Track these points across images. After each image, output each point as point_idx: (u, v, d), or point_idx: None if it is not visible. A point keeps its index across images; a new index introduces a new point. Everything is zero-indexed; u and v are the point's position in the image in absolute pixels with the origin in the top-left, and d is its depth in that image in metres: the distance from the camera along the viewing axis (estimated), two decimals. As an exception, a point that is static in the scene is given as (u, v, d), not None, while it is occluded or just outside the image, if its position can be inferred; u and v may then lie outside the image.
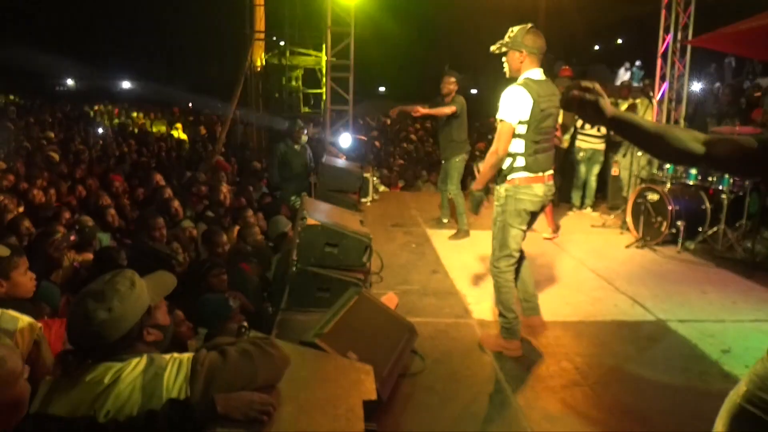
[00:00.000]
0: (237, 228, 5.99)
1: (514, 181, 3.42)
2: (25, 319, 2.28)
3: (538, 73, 3.40)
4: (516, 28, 3.41)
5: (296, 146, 7.88)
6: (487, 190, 3.65)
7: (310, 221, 3.91)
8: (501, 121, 3.35)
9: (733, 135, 5.87)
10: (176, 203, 5.98)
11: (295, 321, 3.64)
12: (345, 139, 9.28)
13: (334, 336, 2.74)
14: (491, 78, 24.04)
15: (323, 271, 3.89)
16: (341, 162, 7.90)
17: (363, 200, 7.99)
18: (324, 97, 9.70)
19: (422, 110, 6.33)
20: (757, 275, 5.29)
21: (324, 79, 9.63)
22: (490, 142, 3.44)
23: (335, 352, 2.58)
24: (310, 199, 4.93)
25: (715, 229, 6.07)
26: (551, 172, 3.54)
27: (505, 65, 3.45)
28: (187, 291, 3.97)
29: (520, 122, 3.33)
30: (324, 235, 3.92)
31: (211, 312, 3.70)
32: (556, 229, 6.65)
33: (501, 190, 3.47)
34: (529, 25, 3.41)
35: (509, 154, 3.40)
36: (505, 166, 3.43)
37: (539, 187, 3.44)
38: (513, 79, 3.46)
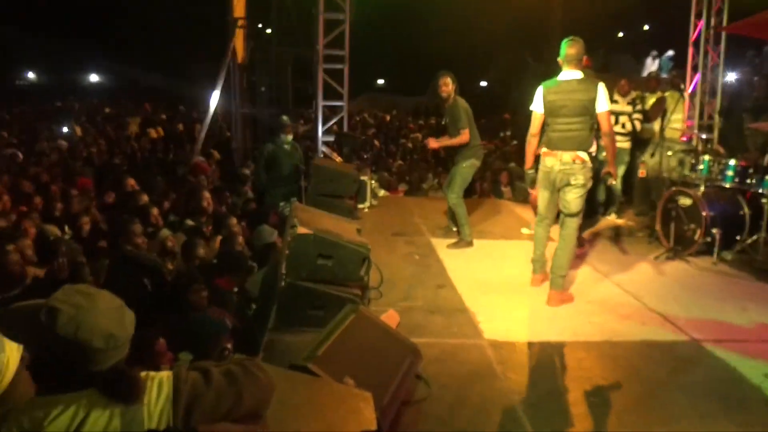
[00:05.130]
0: (219, 238, 6.00)
1: (542, 155, 4.92)
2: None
3: (568, 74, 4.76)
4: None
5: (285, 145, 7.89)
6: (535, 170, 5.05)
7: (301, 230, 3.92)
8: (533, 111, 4.92)
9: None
10: (155, 211, 5.99)
11: (284, 342, 3.64)
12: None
13: (329, 359, 2.73)
14: (503, 71, 24.13)
15: (316, 287, 3.89)
16: (335, 163, 7.91)
17: (360, 206, 7.98)
18: (316, 91, 9.70)
19: (435, 143, 6.75)
20: (803, 289, 5.30)
21: (316, 71, 9.63)
22: (501, 140, 4.82)
23: (330, 377, 2.57)
24: (300, 205, 4.94)
25: (755, 237, 6.07)
26: (573, 153, 4.71)
27: None
28: (167, 309, 3.98)
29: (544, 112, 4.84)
30: (317, 245, 3.92)
31: (204, 334, 3.71)
32: (583, 242, 6.63)
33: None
34: (569, 38, 4.77)
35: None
36: None
37: (549, 159, 4.83)
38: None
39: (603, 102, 4.71)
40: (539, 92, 4.82)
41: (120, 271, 4.26)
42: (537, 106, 4.86)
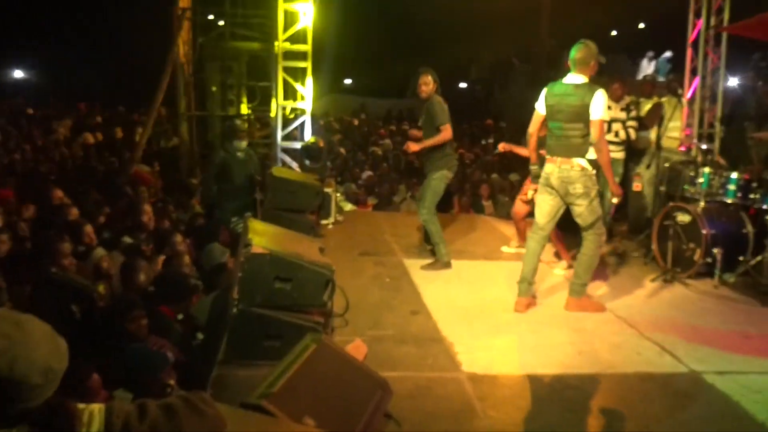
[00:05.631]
0: (162, 258, 5.95)
1: (546, 160, 5.31)
2: None
3: (570, 78, 5.15)
4: None
5: (239, 153, 7.86)
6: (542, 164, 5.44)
7: (257, 249, 3.90)
8: (535, 110, 5.41)
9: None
10: (88, 227, 5.91)
11: (235, 377, 3.61)
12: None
13: (286, 396, 2.72)
14: (486, 72, 24.38)
15: (272, 313, 3.87)
16: (296, 173, 7.90)
17: (323, 222, 7.99)
18: (274, 91, 9.70)
19: (415, 146, 6.50)
20: (810, 315, 5.44)
21: (275, 70, 9.64)
22: (483, 149, 4.85)
23: (287, 416, 2.56)
24: (255, 221, 4.92)
25: (759, 258, 6.19)
26: (569, 159, 5.09)
27: None
28: (101, 341, 3.93)
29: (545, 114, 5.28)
30: (274, 266, 3.91)
31: (144, 368, 3.66)
32: (571, 262, 6.70)
33: None
34: (581, 41, 5.19)
35: None
36: None
37: (549, 165, 5.23)
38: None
39: (597, 109, 4.98)
40: (543, 92, 5.31)
41: (44, 297, 4.19)
42: (539, 106, 5.33)
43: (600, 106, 4.97)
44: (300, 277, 3.95)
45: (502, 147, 7.17)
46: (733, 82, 12.92)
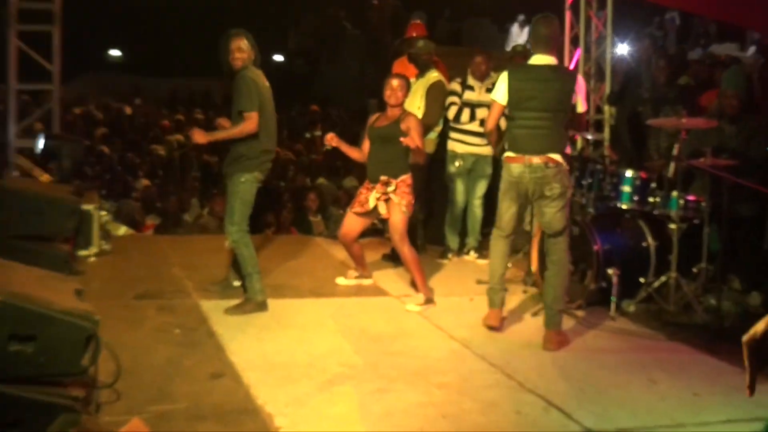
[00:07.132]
0: None
1: (505, 160, 5.97)
2: None
3: (540, 59, 5.80)
4: None
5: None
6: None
7: (-21, 296, 3.71)
8: (492, 101, 6.11)
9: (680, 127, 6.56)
10: None
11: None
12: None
13: None
14: (309, 40, 24.68)
15: (6, 389, 3.69)
16: (39, 185, 7.60)
17: (82, 253, 7.77)
18: (6, 67, 9.32)
19: (203, 137, 6.54)
20: (725, 348, 5.86)
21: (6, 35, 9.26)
22: (307, 144, 4.76)
23: None
24: (-22, 255, 4.68)
25: (663, 278, 6.65)
26: (543, 155, 5.66)
27: None
28: None
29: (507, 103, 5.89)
30: (8, 320, 3.74)
31: None
32: (431, 294, 6.83)
33: None
34: (541, 15, 5.85)
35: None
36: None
37: (516, 166, 5.80)
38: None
39: (583, 99, 5.81)
40: (503, 78, 5.92)
41: None
42: (499, 95, 5.94)
43: (584, 94, 5.75)
44: (48, 334, 3.81)
45: (329, 139, 7.13)
46: (624, 49, 13.79)
